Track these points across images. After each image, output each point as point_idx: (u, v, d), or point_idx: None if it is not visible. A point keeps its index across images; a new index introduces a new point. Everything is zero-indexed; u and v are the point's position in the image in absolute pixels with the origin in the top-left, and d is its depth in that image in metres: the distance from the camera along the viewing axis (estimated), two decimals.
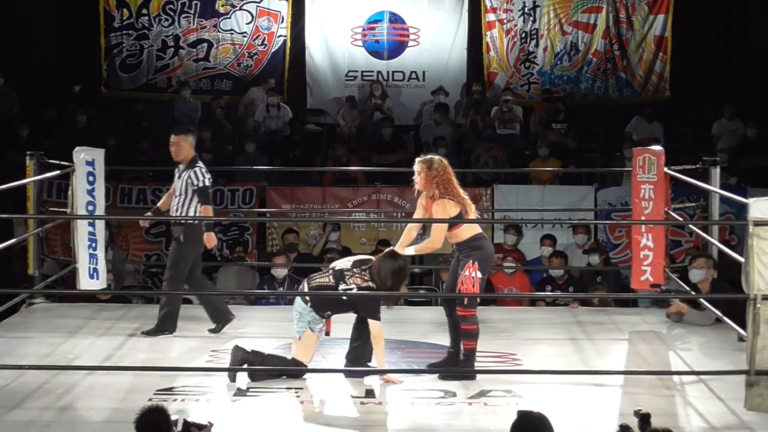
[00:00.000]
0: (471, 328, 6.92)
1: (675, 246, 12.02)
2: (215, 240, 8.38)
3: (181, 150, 8.23)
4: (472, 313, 6.90)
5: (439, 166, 6.92)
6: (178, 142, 8.22)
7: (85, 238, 8.67)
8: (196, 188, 8.18)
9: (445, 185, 6.89)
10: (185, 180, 8.19)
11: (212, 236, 8.29)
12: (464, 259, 6.92)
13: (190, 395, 6.56)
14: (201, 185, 8.18)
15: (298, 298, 6.93)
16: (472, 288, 6.86)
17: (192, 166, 8.22)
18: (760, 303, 6.11)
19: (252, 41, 15.88)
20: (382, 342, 6.82)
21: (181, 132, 8.30)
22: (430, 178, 6.90)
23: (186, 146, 8.23)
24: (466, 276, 6.85)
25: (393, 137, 14.39)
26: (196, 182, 8.17)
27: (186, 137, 8.25)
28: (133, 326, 8.47)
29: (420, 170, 6.93)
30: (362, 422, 6.18)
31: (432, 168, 6.90)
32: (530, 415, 4.22)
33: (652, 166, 8.62)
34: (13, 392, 6.60)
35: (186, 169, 8.21)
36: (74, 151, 8.91)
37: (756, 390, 6.21)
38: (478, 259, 6.87)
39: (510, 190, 13.10)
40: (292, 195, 13.04)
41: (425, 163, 6.93)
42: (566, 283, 10.45)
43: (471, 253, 6.89)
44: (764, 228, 6.14)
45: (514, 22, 15.87)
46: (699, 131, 15.14)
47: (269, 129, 14.90)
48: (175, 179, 8.31)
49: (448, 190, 6.90)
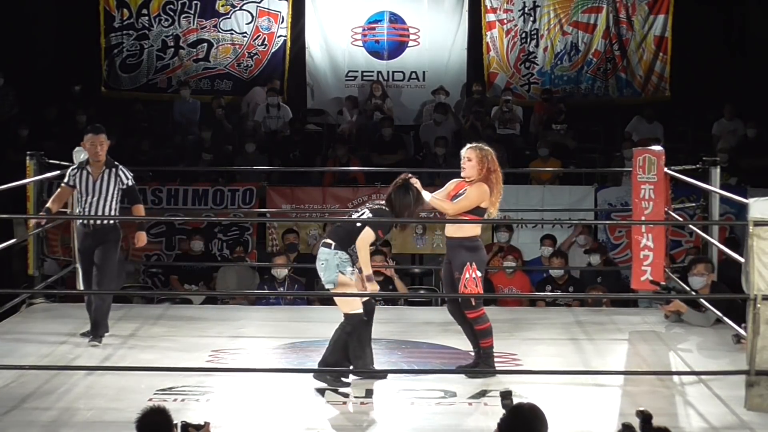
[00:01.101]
0: (484, 327, 6.95)
1: (675, 246, 12.02)
2: (146, 239, 8.18)
3: (104, 150, 7.88)
4: (481, 313, 6.93)
5: (492, 157, 6.97)
6: (102, 142, 7.86)
7: None
8: (126, 187, 7.92)
9: (489, 175, 6.90)
10: (107, 180, 7.84)
11: (143, 235, 8.11)
12: (457, 261, 6.87)
13: (190, 395, 6.56)
14: (131, 183, 7.95)
15: (322, 247, 6.79)
16: (476, 288, 6.86)
17: (113, 165, 7.92)
18: (760, 303, 6.12)
19: (252, 41, 15.88)
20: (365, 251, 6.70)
21: (101, 131, 7.91)
22: (483, 166, 6.92)
23: (105, 145, 7.89)
24: (467, 278, 6.84)
25: (393, 137, 14.39)
26: (126, 181, 7.91)
27: (105, 136, 7.91)
28: (133, 326, 8.47)
29: (473, 156, 6.93)
30: (362, 422, 6.18)
31: (486, 157, 6.92)
32: (522, 408, 4.19)
33: (652, 166, 8.62)
34: (13, 392, 6.60)
35: (106, 168, 7.87)
36: (74, 151, 8.89)
37: (756, 390, 6.22)
38: (474, 260, 6.86)
39: (510, 190, 12.96)
40: (292, 195, 13.04)
41: (481, 151, 6.94)
42: (566, 283, 10.45)
43: (465, 254, 6.86)
44: (764, 228, 6.14)
45: (514, 22, 15.87)
46: (699, 131, 15.15)
47: (269, 129, 14.90)
48: (77, 180, 7.88)
49: (490, 180, 6.91)
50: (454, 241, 6.93)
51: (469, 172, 6.92)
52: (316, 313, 9.14)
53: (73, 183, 7.89)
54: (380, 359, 7.22)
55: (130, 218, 8.33)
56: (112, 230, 7.91)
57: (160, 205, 12.80)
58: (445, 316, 9.11)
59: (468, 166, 6.93)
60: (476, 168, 6.90)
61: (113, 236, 7.92)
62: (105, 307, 7.88)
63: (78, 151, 8.88)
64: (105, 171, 7.87)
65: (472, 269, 6.83)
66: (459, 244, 6.90)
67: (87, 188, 7.85)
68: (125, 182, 7.92)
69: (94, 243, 7.86)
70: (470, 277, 6.84)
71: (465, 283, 6.84)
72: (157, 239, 12.68)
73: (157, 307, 9.83)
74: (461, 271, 6.86)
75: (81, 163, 7.97)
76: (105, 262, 7.85)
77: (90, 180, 7.86)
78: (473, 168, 6.91)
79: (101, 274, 7.84)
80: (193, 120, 14.99)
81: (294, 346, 7.92)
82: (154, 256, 12.63)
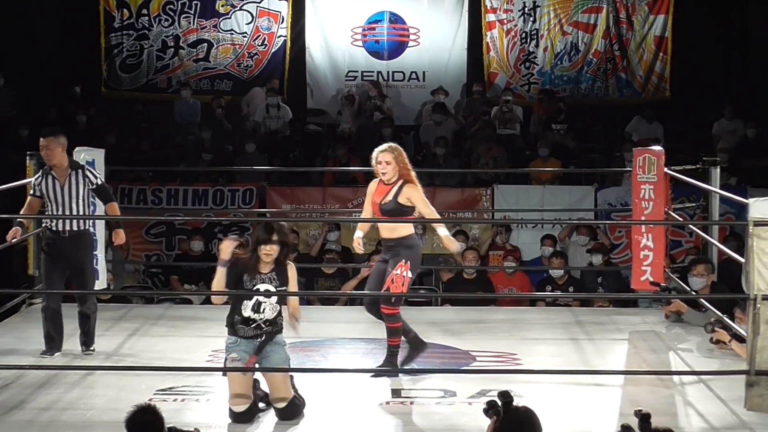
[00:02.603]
0: (396, 326, 7.00)
1: (675, 246, 12.02)
2: (124, 236, 7.86)
3: (54, 153, 7.44)
4: (396, 311, 6.98)
5: (403, 153, 7.03)
6: (47, 145, 7.44)
7: None
8: (96, 186, 7.58)
9: (409, 173, 6.99)
10: (75, 182, 7.48)
11: (122, 233, 7.75)
12: (394, 259, 6.91)
13: (190, 395, 6.56)
14: (101, 182, 7.64)
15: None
16: (401, 286, 6.90)
17: (78, 166, 7.58)
18: (760, 303, 6.12)
19: (252, 41, 15.89)
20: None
21: (51, 134, 7.48)
22: (403, 164, 6.96)
23: (59, 149, 7.46)
24: (397, 274, 6.88)
25: (393, 137, 14.36)
26: (95, 181, 7.57)
27: (57, 139, 7.47)
28: (133, 326, 8.48)
29: (390, 159, 6.95)
30: (362, 422, 6.17)
31: (401, 153, 6.99)
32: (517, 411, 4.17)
33: (652, 166, 8.62)
34: (13, 392, 6.60)
35: (71, 170, 7.51)
36: (74, 151, 8.88)
37: (756, 390, 6.22)
38: (410, 259, 6.90)
39: (510, 190, 13.10)
40: (292, 195, 13.04)
41: (395, 151, 6.99)
42: (566, 283, 10.45)
43: (403, 252, 6.90)
44: (764, 228, 6.14)
45: (514, 22, 15.87)
46: (699, 131, 15.14)
47: (269, 129, 14.90)
48: (43, 188, 7.48)
49: (411, 176, 6.99)
50: (395, 241, 6.96)
51: (391, 175, 6.96)
52: (316, 313, 9.13)
53: (40, 193, 7.51)
54: (380, 359, 7.22)
55: (131, 219, 8.31)
56: (86, 235, 7.62)
57: (160, 205, 12.81)
58: (445, 316, 9.14)
59: (388, 169, 6.95)
60: (396, 169, 6.95)
61: (88, 241, 7.67)
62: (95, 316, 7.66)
63: (78, 151, 8.87)
64: (71, 174, 7.52)
65: (404, 267, 6.87)
66: (399, 243, 6.95)
67: (55, 194, 7.49)
68: (95, 181, 7.58)
69: (68, 250, 7.48)
70: (400, 273, 6.87)
71: (393, 278, 6.88)
72: (157, 239, 12.68)
73: (157, 307, 9.84)
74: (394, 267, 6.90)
75: (44, 170, 7.57)
76: (88, 271, 7.61)
77: (57, 185, 7.49)
78: (393, 169, 6.95)
79: (86, 282, 7.58)
80: (193, 120, 14.99)
81: (294, 345, 7.89)
82: (154, 256, 12.64)
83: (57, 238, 7.50)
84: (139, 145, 14.06)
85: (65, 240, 7.49)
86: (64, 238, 7.49)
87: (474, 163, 13.90)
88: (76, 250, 7.52)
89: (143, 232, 12.65)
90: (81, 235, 7.57)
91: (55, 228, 7.50)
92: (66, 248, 7.49)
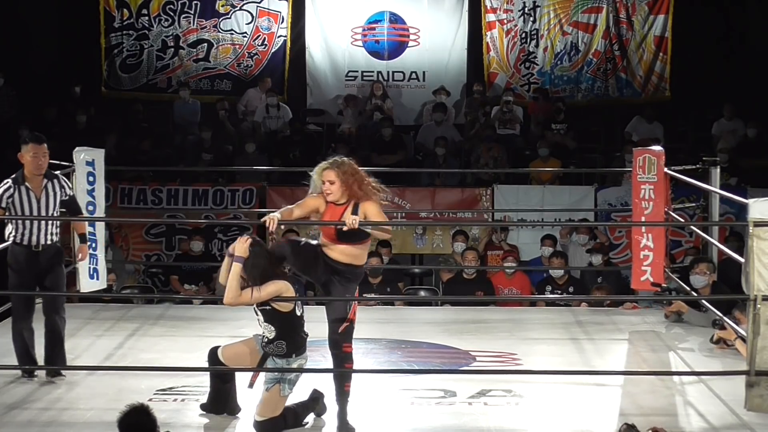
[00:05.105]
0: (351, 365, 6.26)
1: (675, 246, 12.01)
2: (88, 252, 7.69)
3: (47, 160, 7.00)
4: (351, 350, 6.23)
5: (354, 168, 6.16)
6: (44, 152, 6.99)
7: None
8: (69, 198, 7.11)
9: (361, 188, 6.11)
10: (51, 193, 6.99)
11: (85, 248, 7.53)
12: (345, 286, 6.15)
13: (190, 395, 6.56)
14: (73, 193, 7.21)
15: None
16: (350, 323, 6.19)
17: (53, 176, 7.07)
18: (760, 303, 6.12)
19: (252, 41, 15.88)
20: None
21: (44, 140, 7.02)
22: (349, 182, 6.10)
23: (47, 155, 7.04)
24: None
25: (393, 137, 14.38)
26: (69, 192, 7.13)
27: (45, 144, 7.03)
28: (133, 326, 8.48)
29: (334, 178, 6.11)
30: (362, 422, 6.17)
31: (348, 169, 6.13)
32: None
33: (652, 166, 8.62)
34: (14, 392, 6.60)
35: (47, 180, 7.00)
36: (74, 151, 8.91)
37: (756, 390, 6.22)
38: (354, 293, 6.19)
39: (510, 191, 13.10)
40: (292, 195, 13.00)
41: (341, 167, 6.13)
42: (566, 283, 10.45)
43: (353, 283, 6.18)
44: (764, 228, 6.14)
45: (514, 22, 15.86)
46: (699, 131, 15.14)
47: (269, 129, 14.90)
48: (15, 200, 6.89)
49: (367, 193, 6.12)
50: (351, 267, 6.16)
51: (336, 195, 6.10)
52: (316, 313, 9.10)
53: (6, 205, 6.89)
54: (380, 359, 7.24)
55: (131, 220, 8.30)
56: (59, 250, 7.08)
57: (160, 205, 12.81)
58: (445, 316, 9.15)
59: (333, 189, 6.10)
60: (342, 188, 6.08)
61: (61, 257, 7.12)
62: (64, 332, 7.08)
63: (78, 151, 8.89)
64: (47, 184, 6.98)
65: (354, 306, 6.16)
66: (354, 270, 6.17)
67: (30, 207, 6.90)
68: (68, 192, 7.11)
69: (43, 264, 6.94)
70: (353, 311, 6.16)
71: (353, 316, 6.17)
72: (157, 239, 12.68)
73: (157, 307, 9.84)
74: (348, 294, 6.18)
75: (16, 179, 6.96)
76: (61, 286, 7.11)
77: (32, 197, 6.92)
78: (339, 190, 6.08)
79: (60, 298, 7.07)
80: (193, 120, 14.99)
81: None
82: (154, 256, 12.63)
83: (28, 253, 6.90)
84: (139, 145, 14.06)
85: (38, 254, 6.92)
86: (38, 253, 6.92)
87: (474, 163, 13.91)
88: (51, 264, 6.99)
89: (143, 232, 12.65)
90: (54, 248, 7.02)
91: (27, 242, 6.89)
92: (40, 263, 6.94)
